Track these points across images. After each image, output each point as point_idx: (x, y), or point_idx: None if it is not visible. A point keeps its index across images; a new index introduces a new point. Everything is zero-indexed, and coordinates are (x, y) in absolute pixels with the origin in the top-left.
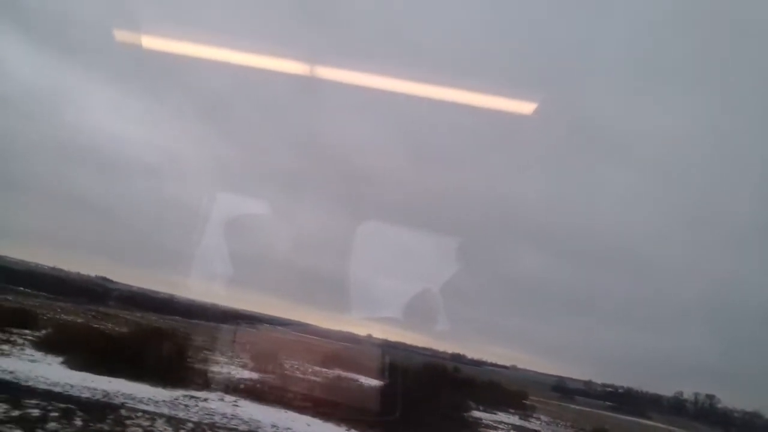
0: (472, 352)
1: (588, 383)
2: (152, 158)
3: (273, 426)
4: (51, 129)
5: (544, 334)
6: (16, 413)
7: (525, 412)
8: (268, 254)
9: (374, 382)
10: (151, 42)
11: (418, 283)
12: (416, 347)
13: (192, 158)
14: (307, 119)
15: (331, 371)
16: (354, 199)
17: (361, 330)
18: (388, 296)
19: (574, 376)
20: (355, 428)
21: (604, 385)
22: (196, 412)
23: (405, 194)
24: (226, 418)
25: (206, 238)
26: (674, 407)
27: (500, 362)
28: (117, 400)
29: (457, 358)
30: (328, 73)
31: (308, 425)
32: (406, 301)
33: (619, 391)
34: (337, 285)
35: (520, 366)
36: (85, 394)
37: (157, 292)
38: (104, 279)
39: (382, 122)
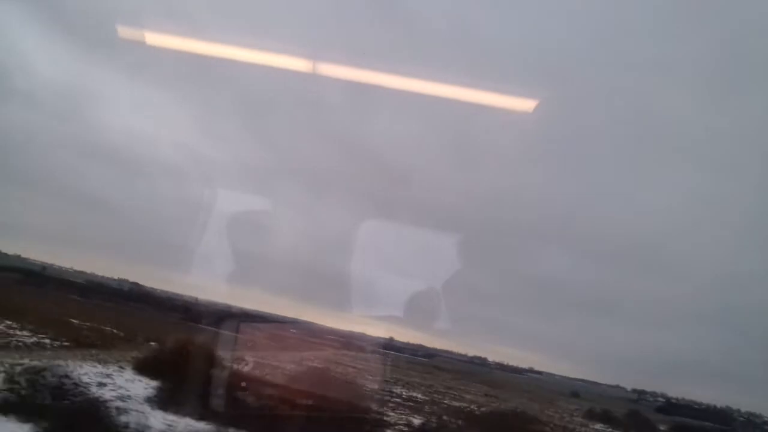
0: (490, 354)
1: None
2: (176, 158)
3: None
4: (74, 127)
5: (566, 336)
6: None
7: None
8: (297, 257)
9: None
10: (178, 40)
11: (438, 283)
12: (436, 350)
13: (218, 159)
14: (342, 120)
15: None
16: (384, 199)
17: (382, 333)
18: (407, 297)
19: (600, 381)
20: None
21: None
22: None
23: (435, 194)
24: None
25: (233, 241)
26: None
27: (521, 365)
28: None
29: (480, 361)
30: (359, 74)
31: None
32: (426, 303)
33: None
34: (357, 285)
35: (537, 368)
36: None
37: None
38: (135, 284)
39: (418, 122)
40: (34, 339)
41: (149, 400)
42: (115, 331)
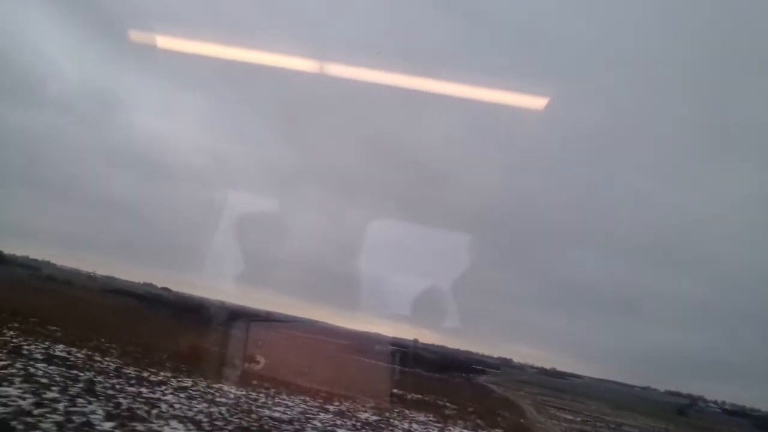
0: (515, 356)
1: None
2: (201, 162)
3: None
4: (102, 131)
5: (592, 336)
6: None
7: None
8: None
9: None
10: (206, 45)
11: (462, 284)
12: (460, 351)
13: (247, 162)
14: (367, 122)
15: None
16: (411, 200)
17: (409, 334)
18: (434, 299)
19: (629, 381)
20: None
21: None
22: None
23: (462, 196)
24: None
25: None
26: None
27: (539, 365)
28: None
29: (506, 362)
30: (386, 77)
31: None
32: (450, 303)
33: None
34: (385, 287)
35: (560, 369)
36: None
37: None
38: (166, 289)
39: (445, 124)
40: None
41: None
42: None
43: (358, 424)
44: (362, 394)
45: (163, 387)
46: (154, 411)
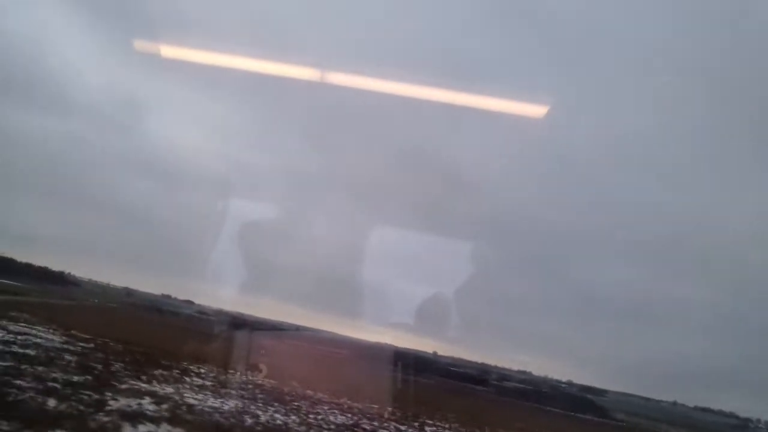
0: (534, 368)
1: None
2: (222, 169)
3: None
4: (124, 138)
5: (610, 347)
6: None
7: None
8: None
9: None
10: (233, 57)
11: (479, 294)
12: (476, 363)
13: (275, 172)
14: (409, 133)
15: None
16: (442, 210)
17: (427, 347)
18: (453, 311)
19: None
20: None
21: None
22: None
23: (495, 206)
24: None
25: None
26: None
27: (557, 377)
28: None
29: (524, 375)
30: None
31: None
32: (475, 316)
33: None
34: (406, 298)
35: (576, 381)
36: None
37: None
38: (188, 302)
39: (464, 134)
40: None
41: None
42: None
43: None
44: None
45: None
46: None
